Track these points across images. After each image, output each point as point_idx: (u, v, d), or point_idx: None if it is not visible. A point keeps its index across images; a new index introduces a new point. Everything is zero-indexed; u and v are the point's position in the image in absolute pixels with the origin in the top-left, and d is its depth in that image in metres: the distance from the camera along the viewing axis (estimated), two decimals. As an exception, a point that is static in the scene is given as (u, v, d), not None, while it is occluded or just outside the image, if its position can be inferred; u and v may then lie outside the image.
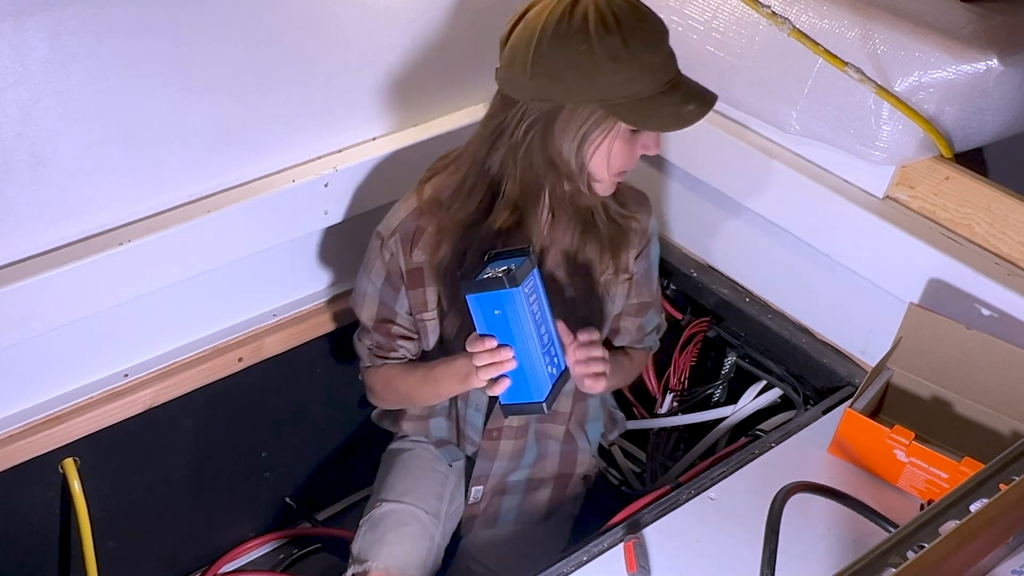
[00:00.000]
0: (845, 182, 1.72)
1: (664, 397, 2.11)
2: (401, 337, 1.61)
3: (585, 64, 1.32)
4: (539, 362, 1.38)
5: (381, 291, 1.58)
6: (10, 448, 1.58)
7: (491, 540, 1.77)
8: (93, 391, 1.66)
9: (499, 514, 1.77)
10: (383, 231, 1.55)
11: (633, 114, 1.36)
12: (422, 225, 1.52)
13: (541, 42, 1.33)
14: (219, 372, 1.78)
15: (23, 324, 1.49)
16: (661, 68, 1.37)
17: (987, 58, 1.53)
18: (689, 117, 1.39)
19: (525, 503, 1.77)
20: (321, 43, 1.61)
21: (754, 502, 1.35)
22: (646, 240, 1.65)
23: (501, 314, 1.32)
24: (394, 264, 1.55)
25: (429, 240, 1.52)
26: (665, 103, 1.37)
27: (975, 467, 1.41)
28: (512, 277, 1.30)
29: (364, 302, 1.60)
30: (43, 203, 1.46)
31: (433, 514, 1.70)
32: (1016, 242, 1.55)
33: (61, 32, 1.35)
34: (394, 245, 1.53)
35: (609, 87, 1.34)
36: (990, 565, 0.98)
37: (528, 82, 1.36)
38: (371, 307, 1.60)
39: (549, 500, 1.78)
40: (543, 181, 1.44)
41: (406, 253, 1.53)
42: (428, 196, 1.52)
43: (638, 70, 1.34)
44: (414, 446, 1.77)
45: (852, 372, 1.78)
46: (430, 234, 1.51)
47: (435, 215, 1.50)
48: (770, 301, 1.92)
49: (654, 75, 1.36)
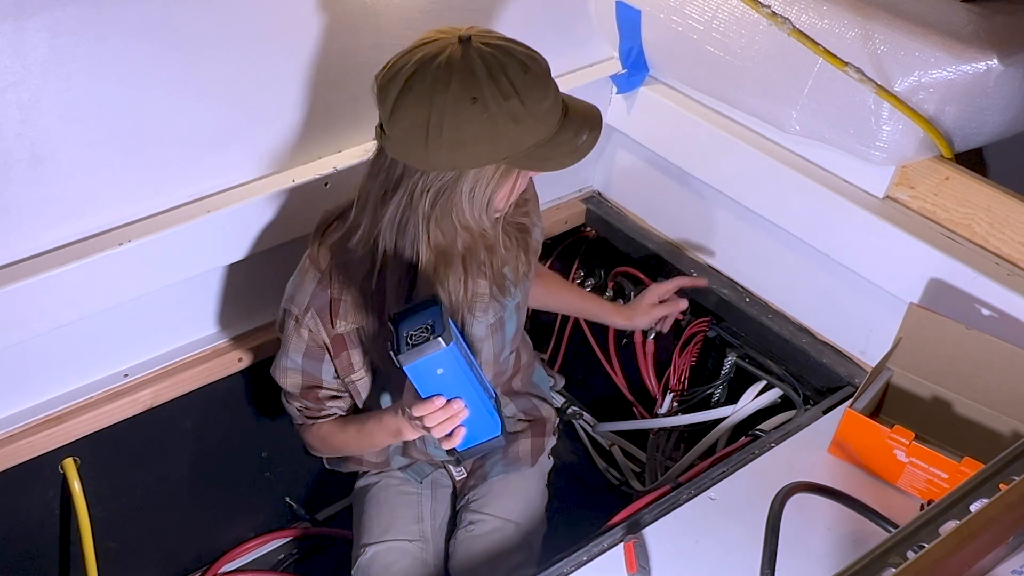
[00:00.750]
0: (845, 182, 1.72)
1: (664, 397, 2.11)
2: (330, 399, 1.60)
3: (488, 132, 1.30)
4: (482, 399, 1.37)
5: (303, 365, 1.54)
6: (10, 448, 1.58)
7: (487, 492, 1.77)
8: (93, 391, 1.66)
9: (486, 472, 1.78)
10: (295, 309, 1.49)
11: (534, 160, 1.35)
12: (334, 296, 1.48)
13: (441, 120, 1.28)
14: (219, 372, 1.78)
15: (23, 324, 1.49)
16: (552, 110, 1.35)
17: (987, 58, 1.53)
18: (584, 148, 1.38)
19: (508, 454, 1.78)
20: (321, 43, 1.61)
21: (754, 502, 1.35)
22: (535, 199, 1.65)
23: (443, 372, 1.31)
24: (314, 339, 1.51)
25: (350, 309, 1.48)
26: (561, 141, 1.36)
27: (975, 467, 1.41)
28: (444, 335, 1.28)
29: (287, 375, 1.57)
30: (43, 203, 1.46)
31: (419, 539, 1.72)
32: (1016, 242, 1.55)
33: (61, 32, 1.35)
34: (311, 321, 1.49)
35: (512, 145, 1.32)
36: (990, 565, 0.98)
37: (428, 155, 1.31)
38: (295, 378, 1.57)
39: (532, 447, 1.79)
40: (457, 244, 1.42)
41: (326, 325, 1.49)
42: (328, 264, 1.47)
43: (535, 122, 1.32)
44: (379, 478, 1.79)
45: (852, 372, 1.78)
46: (347, 303, 1.48)
47: (342, 284, 1.47)
48: (770, 301, 1.92)
49: (548, 120, 1.35)
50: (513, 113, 1.30)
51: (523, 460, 1.78)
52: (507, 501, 1.74)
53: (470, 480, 1.79)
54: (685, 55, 1.83)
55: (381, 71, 1.33)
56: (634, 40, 1.90)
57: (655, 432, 2.17)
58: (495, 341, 1.63)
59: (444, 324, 1.29)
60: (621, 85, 1.98)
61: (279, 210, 1.68)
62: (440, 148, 1.30)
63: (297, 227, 1.72)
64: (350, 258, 1.45)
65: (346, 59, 1.66)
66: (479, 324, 1.57)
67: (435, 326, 1.29)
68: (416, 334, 1.29)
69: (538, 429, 1.81)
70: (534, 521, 1.47)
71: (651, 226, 2.11)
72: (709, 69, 1.79)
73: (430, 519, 1.76)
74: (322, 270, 1.47)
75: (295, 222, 1.72)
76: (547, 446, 1.84)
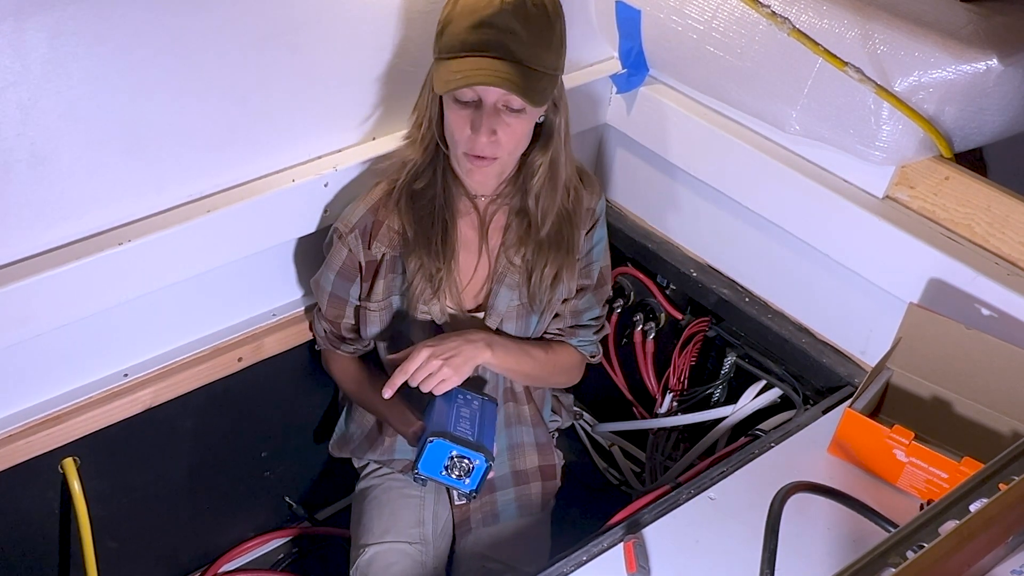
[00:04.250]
0: (845, 182, 1.72)
1: (664, 397, 2.11)
2: (349, 333, 1.72)
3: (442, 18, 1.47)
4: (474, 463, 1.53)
5: (334, 285, 1.66)
6: (10, 448, 1.58)
7: (498, 535, 1.78)
8: (93, 391, 1.66)
9: (497, 511, 1.78)
10: (341, 227, 1.62)
11: (436, 71, 1.48)
12: (379, 219, 1.60)
13: None
14: (219, 372, 1.78)
15: (23, 324, 1.49)
16: (462, 34, 1.43)
17: (987, 58, 1.53)
18: (449, 82, 1.44)
19: (520, 497, 1.79)
20: (321, 42, 1.61)
21: (754, 502, 1.35)
22: (593, 220, 1.70)
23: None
24: (352, 259, 1.63)
25: (387, 234, 1.60)
26: (448, 66, 1.45)
27: (975, 467, 1.41)
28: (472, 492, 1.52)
29: (321, 293, 1.69)
30: (43, 203, 1.46)
31: (419, 542, 1.73)
32: (1016, 242, 1.55)
33: (61, 32, 1.35)
34: (353, 241, 1.61)
35: (437, 45, 1.48)
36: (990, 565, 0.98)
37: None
38: (324, 299, 1.69)
39: (543, 492, 1.83)
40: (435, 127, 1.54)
41: (365, 247, 1.61)
42: (383, 191, 1.61)
43: (449, 27, 1.45)
44: (381, 480, 1.81)
45: (852, 372, 1.78)
46: (390, 229, 1.60)
47: (389, 211, 1.60)
48: (770, 301, 1.92)
49: (453, 38, 1.44)
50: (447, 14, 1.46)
51: (535, 504, 1.82)
52: (519, 548, 1.77)
53: (476, 512, 1.80)
54: (685, 55, 1.83)
55: None
56: (634, 40, 1.91)
57: (655, 432, 2.17)
58: (518, 326, 1.68)
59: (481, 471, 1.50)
60: (621, 85, 1.98)
61: (279, 210, 1.68)
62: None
63: (297, 227, 1.72)
64: (402, 189, 1.59)
65: (346, 59, 1.66)
66: (501, 299, 1.65)
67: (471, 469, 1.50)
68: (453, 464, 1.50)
69: (548, 472, 1.84)
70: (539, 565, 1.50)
71: (651, 226, 2.11)
72: (709, 69, 1.79)
73: (431, 523, 1.76)
74: (376, 198, 1.61)
75: (295, 222, 1.72)
76: (554, 489, 1.87)
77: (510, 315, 1.66)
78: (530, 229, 1.62)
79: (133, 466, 1.80)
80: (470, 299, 1.67)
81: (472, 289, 1.67)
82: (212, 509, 2.00)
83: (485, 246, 1.64)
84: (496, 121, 1.47)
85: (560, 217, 1.63)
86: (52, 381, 1.63)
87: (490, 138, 1.47)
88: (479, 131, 1.47)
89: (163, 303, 1.66)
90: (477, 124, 1.46)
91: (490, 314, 1.66)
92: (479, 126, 1.46)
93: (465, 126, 1.48)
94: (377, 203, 1.60)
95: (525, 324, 1.68)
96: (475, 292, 1.67)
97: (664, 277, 2.09)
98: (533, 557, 1.76)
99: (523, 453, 1.80)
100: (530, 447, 1.81)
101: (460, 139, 1.50)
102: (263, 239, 1.70)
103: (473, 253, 1.64)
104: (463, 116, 1.48)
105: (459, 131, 1.49)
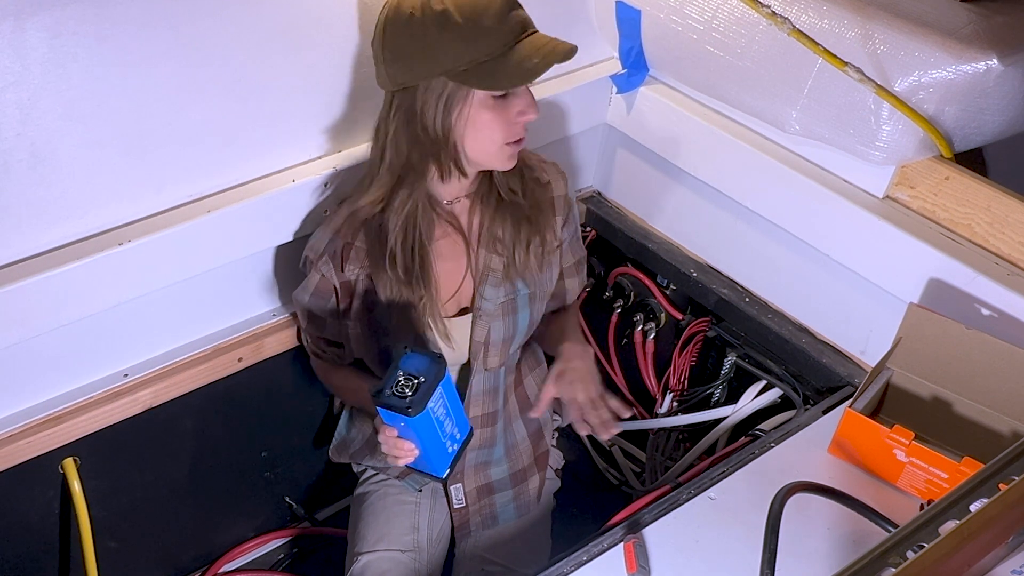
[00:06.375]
0: (845, 182, 1.72)
1: (664, 397, 2.11)
2: (328, 344, 1.70)
3: (419, 42, 1.38)
4: (440, 447, 1.43)
5: (309, 303, 1.65)
6: (10, 448, 1.58)
7: (497, 537, 1.78)
8: (93, 391, 1.66)
9: (496, 513, 1.78)
10: (311, 255, 1.60)
11: (477, 78, 1.40)
12: (348, 242, 1.57)
13: (384, 32, 1.42)
14: (219, 372, 1.78)
15: (23, 324, 1.49)
16: (497, 30, 1.39)
17: (987, 58, 1.53)
18: (533, 70, 1.40)
19: (519, 496, 1.79)
20: (321, 42, 1.61)
21: (754, 502, 1.35)
22: (568, 206, 1.69)
23: (405, 425, 1.38)
24: (326, 283, 1.61)
25: (357, 256, 1.58)
26: (508, 62, 1.39)
27: (975, 467, 1.41)
28: (415, 408, 1.32)
29: (300, 310, 1.68)
30: (43, 203, 1.46)
31: (412, 550, 1.73)
32: (1016, 242, 1.55)
33: (61, 32, 1.35)
34: (325, 266, 1.59)
35: (449, 58, 1.38)
36: (990, 565, 0.98)
37: (384, 72, 1.44)
38: (302, 315, 1.68)
39: (539, 484, 1.83)
40: (411, 160, 1.49)
41: (337, 270, 1.59)
42: (346, 215, 1.57)
43: (473, 35, 1.37)
44: (378, 487, 1.81)
45: (852, 372, 1.78)
46: (358, 249, 1.57)
47: (354, 231, 1.57)
48: (770, 301, 1.92)
49: (490, 38, 1.38)
50: (440, 23, 1.36)
51: (532, 499, 1.81)
52: (519, 549, 1.77)
53: (476, 515, 1.79)
54: (685, 55, 1.83)
55: None
56: (634, 40, 1.91)
57: (655, 432, 2.17)
58: (505, 324, 1.65)
59: (427, 394, 1.34)
60: (621, 85, 1.98)
61: (279, 210, 1.68)
62: (388, 62, 1.42)
63: (297, 227, 1.72)
64: (361, 206, 1.55)
65: (346, 59, 1.66)
66: (488, 302, 1.62)
67: (419, 388, 1.33)
68: (403, 383, 1.34)
69: (542, 461, 1.84)
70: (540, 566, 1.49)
71: (651, 226, 2.11)
72: (709, 69, 1.79)
73: (427, 528, 1.76)
74: (339, 222, 1.57)
75: (295, 222, 1.72)
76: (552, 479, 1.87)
77: (496, 315, 1.64)
78: (501, 202, 1.59)
79: (133, 466, 1.80)
80: (453, 306, 1.65)
81: (455, 297, 1.65)
82: (212, 509, 2.00)
83: (466, 249, 1.62)
84: None
85: (529, 188, 1.61)
86: (52, 381, 1.63)
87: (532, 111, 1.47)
88: (527, 110, 1.45)
89: (163, 303, 1.66)
90: (521, 104, 1.44)
91: (479, 317, 1.63)
92: (527, 104, 1.45)
93: (504, 119, 1.44)
94: (342, 226, 1.57)
95: (512, 322, 1.66)
96: (458, 298, 1.65)
97: (664, 277, 2.09)
98: (533, 558, 1.76)
99: (519, 452, 1.80)
100: (523, 442, 1.81)
101: (503, 133, 1.46)
102: (263, 239, 1.70)
103: (454, 261, 1.62)
104: (497, 110, 1.44)
105: (501, 126, 1.45)
